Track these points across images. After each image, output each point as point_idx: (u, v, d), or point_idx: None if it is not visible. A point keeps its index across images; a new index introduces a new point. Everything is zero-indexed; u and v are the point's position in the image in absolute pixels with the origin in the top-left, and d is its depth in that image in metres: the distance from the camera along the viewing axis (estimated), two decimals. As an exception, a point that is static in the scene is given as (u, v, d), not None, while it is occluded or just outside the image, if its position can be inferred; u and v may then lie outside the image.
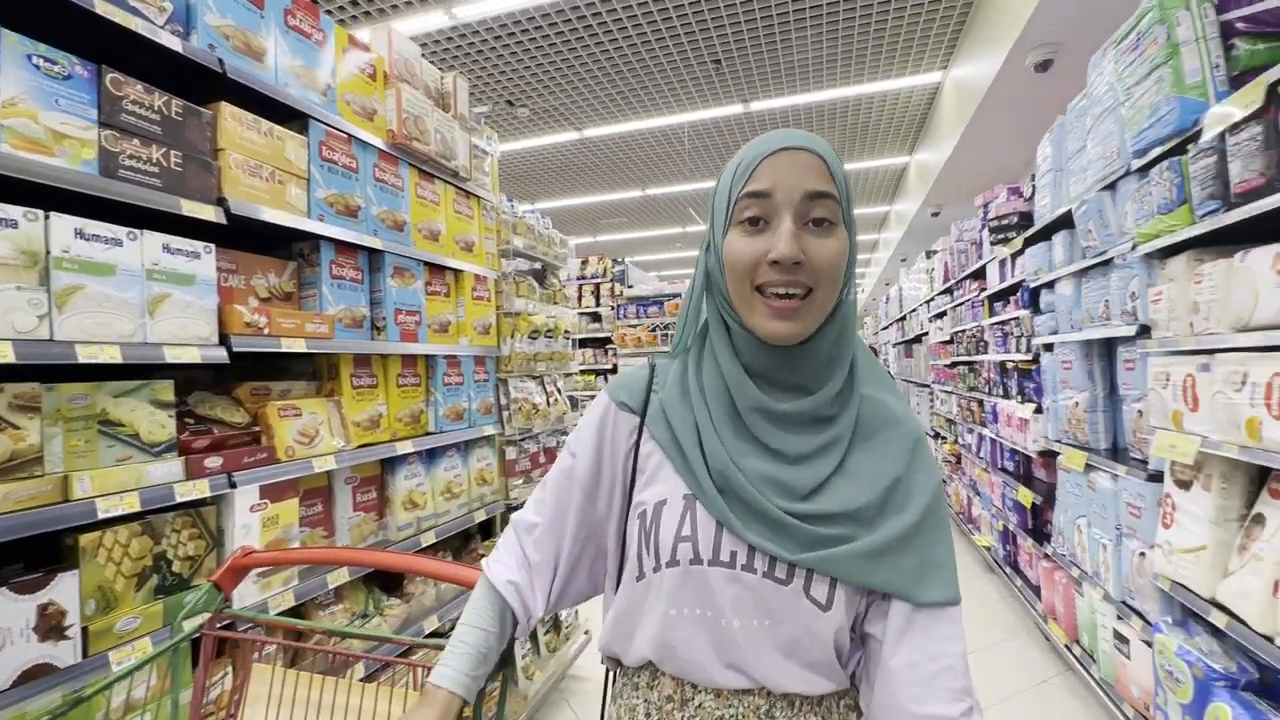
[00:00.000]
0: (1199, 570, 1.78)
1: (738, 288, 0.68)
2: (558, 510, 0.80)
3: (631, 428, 0.77)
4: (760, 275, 0.66)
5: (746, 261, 0.66)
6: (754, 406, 0.70)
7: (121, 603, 1.26)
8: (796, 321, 0.66)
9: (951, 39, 5.10)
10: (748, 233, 0.67)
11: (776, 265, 0.65)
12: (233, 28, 1.51)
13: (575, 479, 0.79)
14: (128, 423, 1.29)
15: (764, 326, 0.67)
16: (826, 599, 0.66)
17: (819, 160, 0.67)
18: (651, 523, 0.71)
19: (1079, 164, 2.64)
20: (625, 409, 0.78)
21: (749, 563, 0.67)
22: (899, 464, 0.70)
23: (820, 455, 0.69)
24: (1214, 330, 1.73)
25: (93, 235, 1.20)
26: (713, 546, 0.68)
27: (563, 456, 0.82)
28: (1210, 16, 1.79)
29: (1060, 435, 2.88)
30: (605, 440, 0.78)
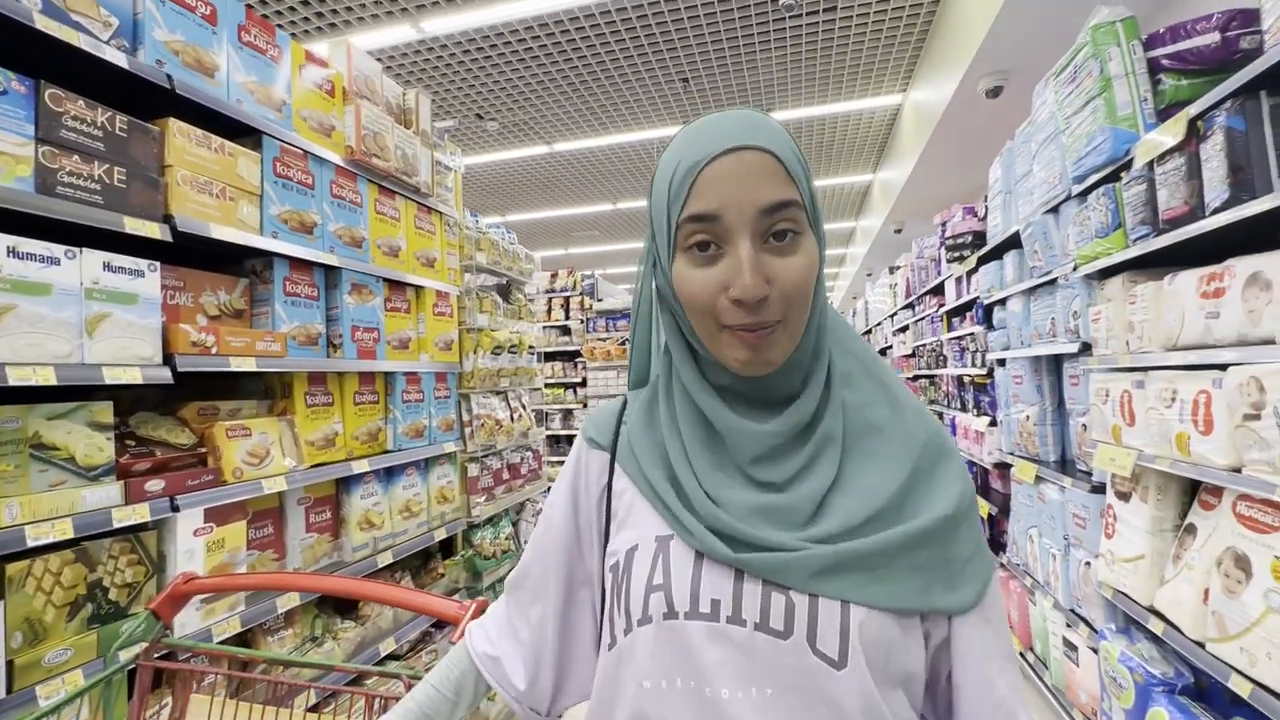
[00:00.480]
0: (1138, 579, 1.85)
1: (700, 322, 0.57)
2: (542, 572, 0.69)
3: (602, 466, 0.68)
4: (724, 314, 0.55)
5: (703, 298, 0.55)
6: (733, 428, 0.59)
7: (51, 634, 1.21)
8: (769, 350, 0.56)
9: (910, 64, 5.28)
10: (697, 261, 0.56)
11: (739, 303, 0.54)
12: (182, 43, 1.49)
13: (553, 533, 0.69)
14: (62, 446, 1.24)
15: (733, 359, 0.57)
16: (839, 653, 0.52)
17: (772, 160, 0.54)
18: (623, 573, 0.60)
19: (1026, 187, 2.76)
20: (595, 446, 0.69)
21: (735, 613, 0.54)
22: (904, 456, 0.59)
23: (812, 468, 0.58)
24: (1147, 349, 1.82)
25: (27, 254, 1.17)
26: (690, 594, 0.55)
27: (545, 512, 0.73)
28: (1138, 53, 1.89)
29: (1013, 448, 2.97)
30: (579, 485, 0.69)
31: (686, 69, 5.29)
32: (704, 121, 0.58)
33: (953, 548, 0.57)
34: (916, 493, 0.57)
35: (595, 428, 0.70)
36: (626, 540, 0.62)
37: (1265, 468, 1.36)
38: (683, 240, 0.56)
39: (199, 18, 1.53)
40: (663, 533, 0.59)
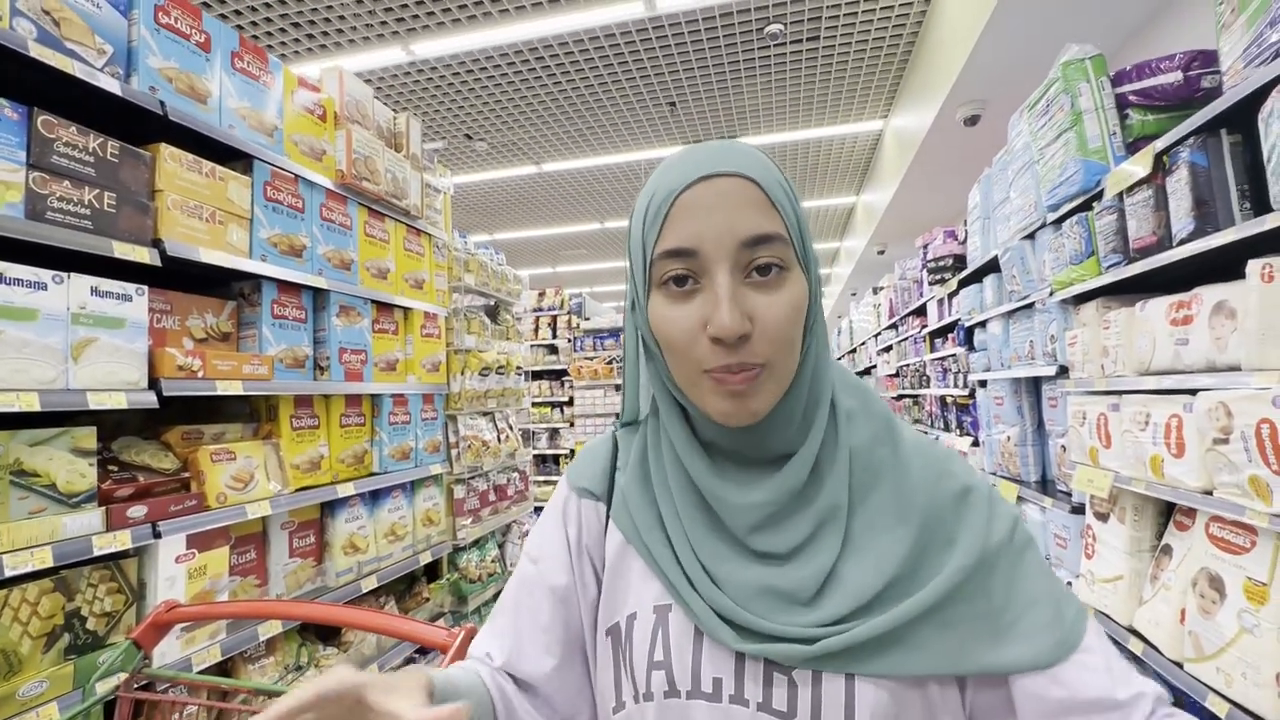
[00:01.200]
0: (1118, 599, 1.88)
1: (677, 365, 0.53)
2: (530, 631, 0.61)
3: (598, 517, 0.63)
4: (703, 356, 0.50)
5: (681, 338, 0.51)
6: (720, 498, 0.55)
7: (27, 666, 1.18)
8: (752, 399, 0.51)
9: (890, 92, 5.43)
10: (674, 297, 0.52)
11: (719, 342, 0.49)
12: (175, 70, 1.51)
13: (546, 588, 0.62)
14: (44, 472, 1.23)
15: (715, 407, 0.52)
16: None
17: (752, 187, 0.50)
18: (624, 642, 0.57)
19: (1004, 213, 2.84)
20: (589, 496, 0.63)
21: (738, 693, 0.51)
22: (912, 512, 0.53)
23: (817, 539, 0.53)
24: (1121, 373, 1.87)
25: (14, 280, 1.17)
26: (690, 674, 0.53)
27: (521, 568, 0.65)
28: (1107, 89, 1.97)
29: (995, 468, 3.02)
30: (574, 535, 0.63)
31: (674, 93, 5.39)
32: (681, 151, 0.54)
33: (995, 596, 0.51)
34: (934, 546, 0.52)
35: (587, 476, 0.65)
36: (625, 605, 0.59)
37: (1235, 490, 1.40)
38: (658, 276, 0.52)
39: (193, 45, 1.55)
40: (661, 602, 0.56)
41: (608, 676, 0.58)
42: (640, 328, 0.58)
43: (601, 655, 0.59)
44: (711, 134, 6.26)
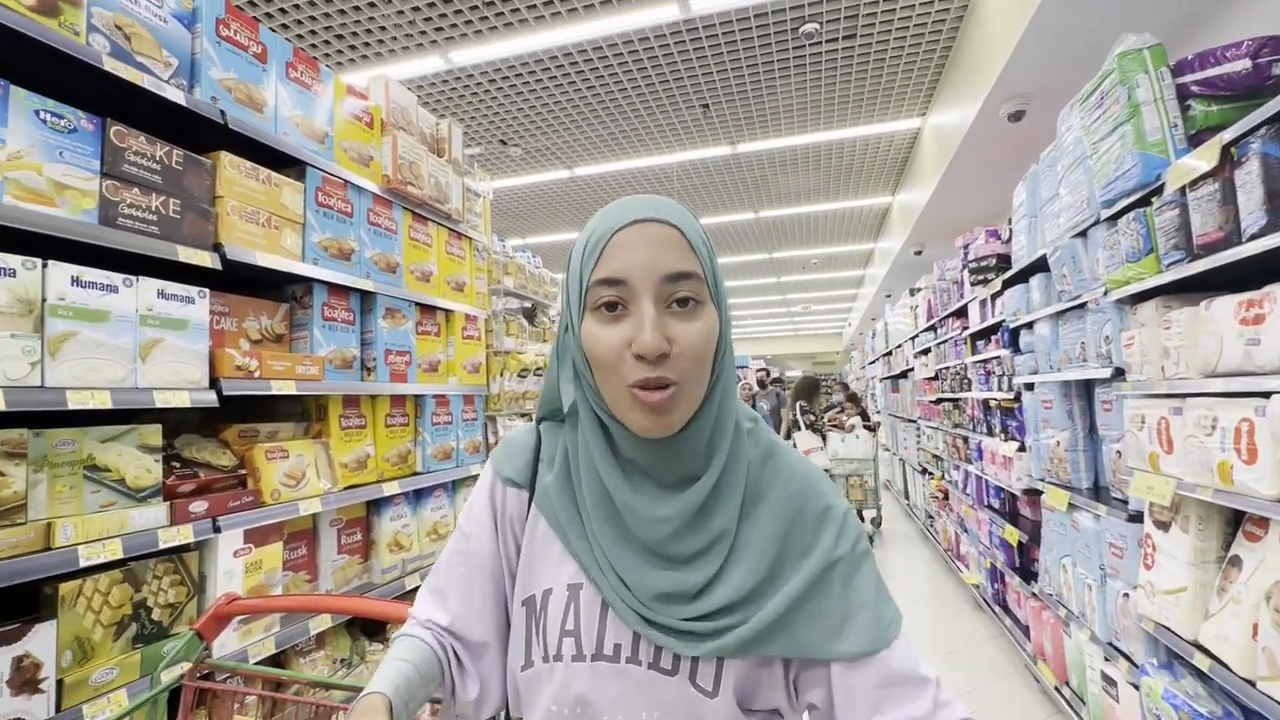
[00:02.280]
0: (1180, 612, 1.80)
1: (605, 380, 0.62)
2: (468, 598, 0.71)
3: (520, 504, 0.72)
4: (628, 371, 0.59)
5: (609, 355, 0.60)
6: (632, 509, 0.64)
7: (99, 653, 1.24)
8: (667, 414, 0.60)
9: (930, 88, 5.32)
10: (605, 320, 0.61)
11: (641, 359, 0.58)
12: (235, 80, 1.56)
13: (480, 561, 0.72)
14: (114, 467, 1.28)
15: (636, 423, 0.61)
16: (713, 684, 0.62)
17: (675, 232, 0.61)
18: (539, 612, 0.67)
19: (1052, 210, 2.75)
20: (512, 485, 0.73)
21: (634, 654, 0.63)
22: (782, 525, 0.65)
23: (709, 550, 0.64)
24: (1184, 375, 1.79)
25: (89, 282, 1.22)
26: (596, 639, 0.64)
27: (456, 539, 0.74)
28: (1167, 80, 1.89)
29: (1043, 474, 2.92)
30: (498, 515, 0.73)
31: (707, 95, 5.38)
32: (619, 201, 0.64)
33: (833, 598, 0.63)
34: (795, 553, 0.65)
35: (510, 465, 0.73)
36: (541, 581, 0.68)
37: (1315, 499, 1.33)
38: (592, 302, 0.61)
39: (251, 56, 1.61)
40: (574, 581, 0.67)
41: (519, 640, 0.68)
42: (573, 349, 0.67)
43: (515, 621, 0.69)
44: (745, 136, 6.22)
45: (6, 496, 1.13)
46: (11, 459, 1.14)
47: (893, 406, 8.42)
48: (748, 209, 8.65)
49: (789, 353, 24.61)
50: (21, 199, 1.13)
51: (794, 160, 6.90)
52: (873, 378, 10.95)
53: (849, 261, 12.24)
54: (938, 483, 5.62)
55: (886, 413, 8.92)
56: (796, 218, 9.13)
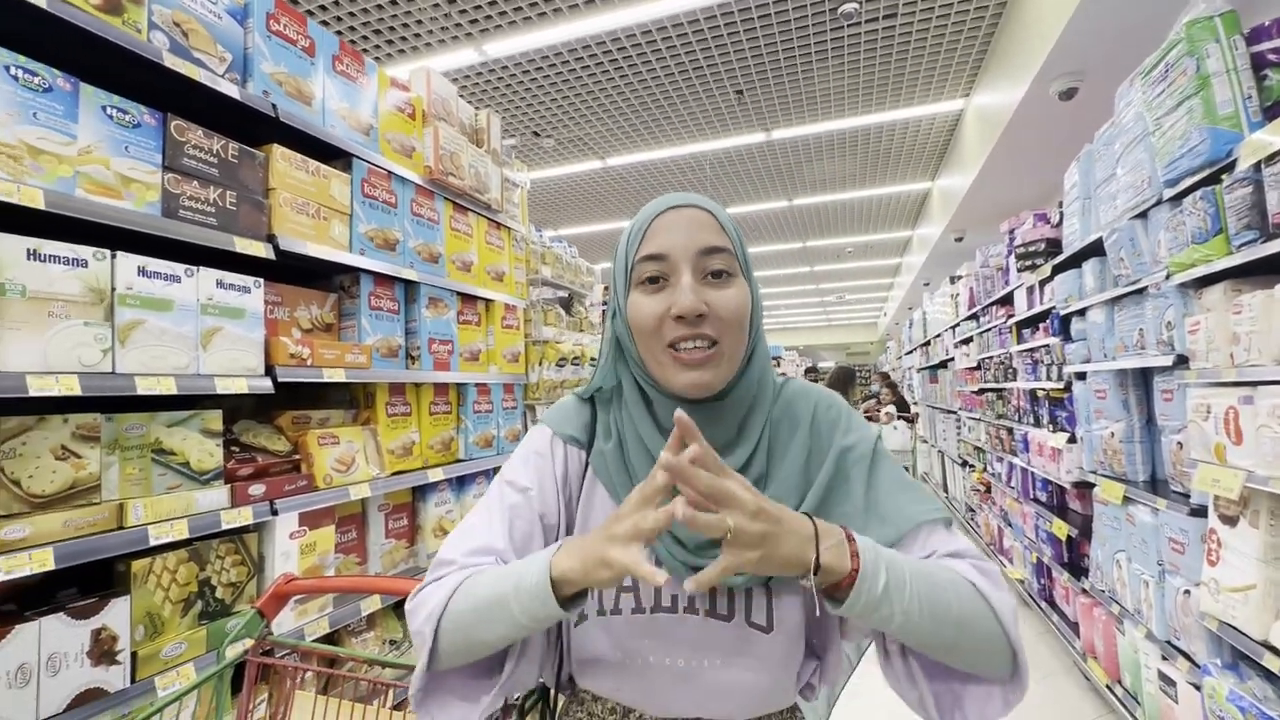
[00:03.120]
0: (1249, 610, 1.72)
1: (647, 345, 0.69)
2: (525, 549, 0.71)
3: (580, 462, 0.76)
4: (667, 331, 0.67)
5: (652, 319, 0.67)
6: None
7: (168, 628, 1.29)
8: (708, 370, 0.67)
9: (974, 68, 5.13)
10: (649, 291, 0.68)
11: (681, 320, 0.66)
12: (285, 74, 1.59)
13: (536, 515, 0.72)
14: (179, 451, 1.33)
15: (678, 380, 0.67)
16: (767, 620, 0.67)
17: (708, 215, 0.70)
18: None
19: (1108, 191, 2.63)
20: (574, 443, 0.76)
21: (690, 604, 0.68)
22: (804, 449, 0.71)
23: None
24: (1256, 362, 1.70)
25: (154, 273, 1.27)
26: (654, 594, 0.69)
27: (505, 493, 0.73)
28: (1240, 48, 1.78)
29: (1095, 466, 2.82)
30: (559, 473, 0.75)
31: (741, 81, 5.29)
32: (654, 199, 0.73)
33: (855, 497, 0.69)
34: (813, 470, 0.71)
35: (570, 425, 0.77)
36: None
37: (1406, 492, 1.25)
38: (637, 277, 0.69)
39: (300, 50, 1.64)
40: None
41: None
42: (619, 329, 0.73)
43: None
44: (780, 122, 6.12)
45: (83, 478, 1.18)
46: (87, 442, 1.19)
47: (931, 398, 8.23)
48: (781, 197, 8.52)
49: (822, 343, 24.25)
50: (92, 192, 1.18)
51: (830, 146, 6.76)
52: (909, 368, 10.71)
53: (885, 249, 11.96)
54: (979, 475, 5.48)
55: (924, 404, 8.73)
56: (831, 205, 8.96)
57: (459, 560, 0.68)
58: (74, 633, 1.13)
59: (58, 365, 1.11)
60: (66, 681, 1.11)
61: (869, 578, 0.57)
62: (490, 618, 0.62)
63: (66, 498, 1.15)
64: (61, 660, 1.11)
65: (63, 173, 1.14)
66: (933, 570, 0.62)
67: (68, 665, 1.11)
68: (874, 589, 0.57)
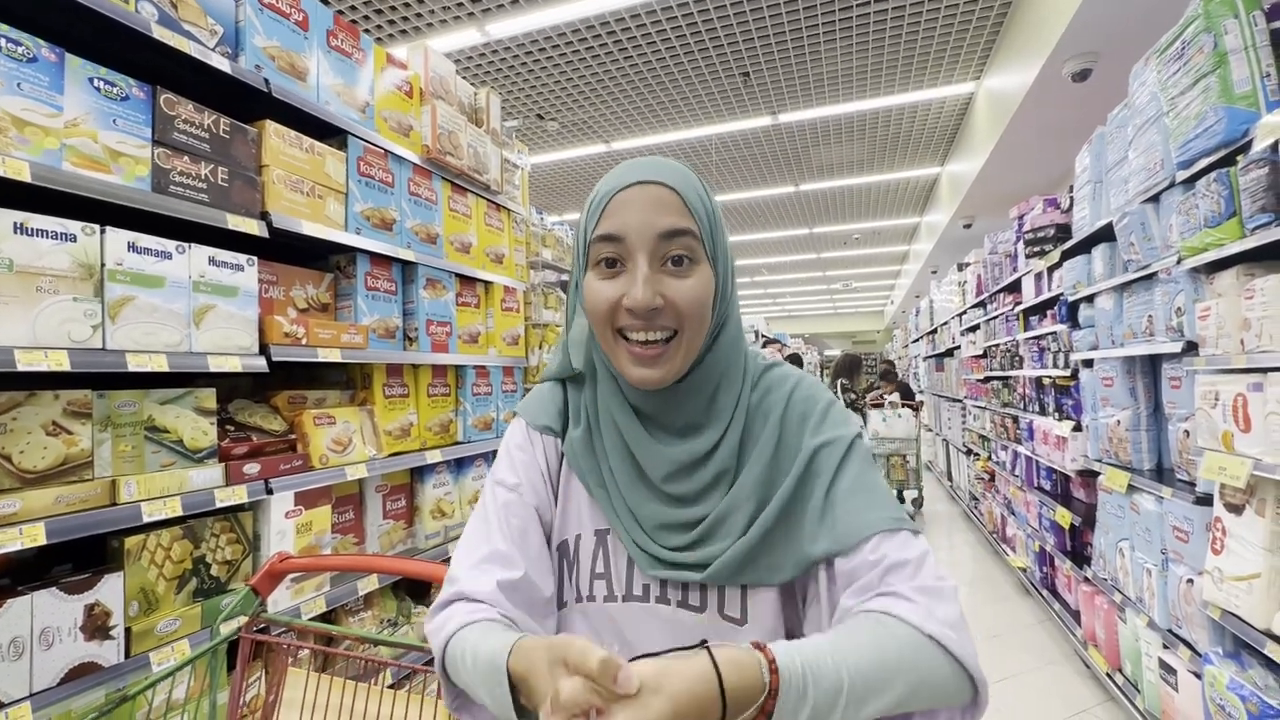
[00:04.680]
0: (1253, 599, 1.70)
1: (601, 332, 0.66)
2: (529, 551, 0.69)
3: (557, 450, 0.75)
4: (619, 319, 0.64)
5: (604, 307, 0.64)
6: (643, 448, 0.68)
7: (163, 605, 1.30)
8: (659, 367, 0.64)
9: (985, 49, 5.03)
10: (604, 275, 0.65)
11: (632, 312, 0.63)
12: (278, 49, 1.57)
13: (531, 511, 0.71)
14: (172, 429, 1.33)
15: (629, 372, 0.65)
16: (741, 612, 0.65)
17: (672, 194, 0.64)
18: (573, 558, 0.71)
19: (1120, 175, 2.57)
20: (549, 432, 0.75)
21: (662, 594, 0.67)
22: (771, 442, 0.67)
23: (709, 492, 0.68)
24: (1267, 348, 1.66)
25: (144, 249, 1.25)
26: (625, 581, 0.68)
27: (496, 494, 0.72)
28: (1260, 25, 1.73)
29: (1101, 454, 2.79)
30: (543, 464, 0.74)
31: (747, 63, 5.21)
32: (623, 164, 0.67)
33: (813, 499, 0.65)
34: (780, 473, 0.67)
35: (544, 414, 0.76)
36: (571, 527, 0.72)
37: None
38: (593, 257, 0.65)
39: (293, 24, 1.61)
40: (601, 527, 0.70)
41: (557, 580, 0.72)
42: (582, 304, 0.69)
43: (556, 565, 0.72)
44: (787, 105, 6.03)
45: (75, 454, 1.18)
46: (78, 418, 1.19)
47: (936, 386, 8.18)
48: (788, 182, 8.43)
49: (828, 331, 24.14)
50: (80, 166, 1.16)
51: (837, 130, 6.66)
52: (915, 356, 10.65)
53: (893, 236, 11.85)
54: (984, 464, 5.46)
55: (930, 392, 8.68)
56: (838, 191, 8.86)
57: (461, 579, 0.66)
58: (67, 607, 1.13)
59: (47, 340, 1.10)
60: (60, 656, 1.12)
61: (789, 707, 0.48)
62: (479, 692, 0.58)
63: (58, 474, 1.15)
64: (54, 634, 1.11)
65: (49, 145, 1.12)
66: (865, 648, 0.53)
67: (60, 640, 1.12)
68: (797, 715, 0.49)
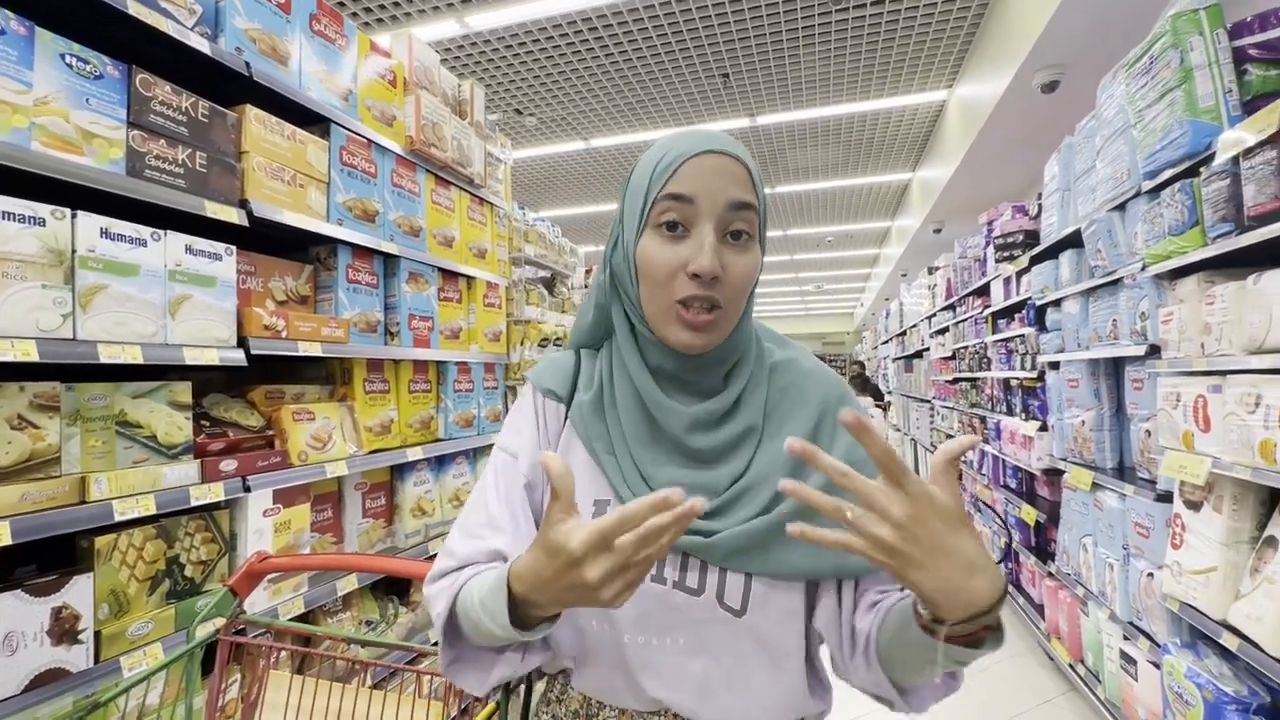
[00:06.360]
0: (1209, 592, 1.78)
1: (653, 295, 0.64)
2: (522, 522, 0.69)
3: (559, 417, 0.73)
4: (678, 288, 0.62)
5: (664, 271, 0.62)
6: (662, 406, 0.67)
7: (134, 607, 1.24)
8: (709, 334, 0.64)
9: (958, 58, 5.16)
10: (665, 238, 0.63)
11: (696, 279, 0.61)
12: (259, 31, 1.52)
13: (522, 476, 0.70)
14: (145, 424, 1.28)
15: (676, 337, 0.64)
16: (741, 603, 0.63)
17: (744, 169, 0.63)
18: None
19: (1087, 184, 2.67)
20: (554, 398, 0.73)
21: (658, 573, 0.64)
22: (806, 424, 0.67)
23: (734, 450, 0.67)
24: (1226, 352, 1.74)
25: (118, 235, 1.20)
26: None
27: (497, 457, 0.72)
28: (1223, 42, 1.81)
29: (1066, 453, 2.89)
30: (541, 431, 0.73)
31: (727, 64, 5.24)
32: (691, 129, 0.67)
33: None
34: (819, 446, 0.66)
35: (552, 379, 0.74)
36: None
37: (1366, 478, 1.29)
38: (655, 217, 0.63)
39: (275, 6, 1.56)
40: (600, 497, 0.68)
41: None
42: (618, 264, 0.69)
43: None
44: (765, 107, 6.09)
45: (41, 449, 1.12)
46: (45, 411, 1.13)
47: (905, 386, 8.36)
48: (765, 184, 8.50)
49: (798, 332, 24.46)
50: (50, 146, 1.11)
51: (814, 133, 6.75)
52: (885, 358, 10.87)
53: (865, 240, 12.07)
54: (951, 463, 5.58)
55: (899, 393, 8.87)
56: (813, 193, 8.98)
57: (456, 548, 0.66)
58: (32, 610, 1.08)
59: (13, 329, 1.04)
60: (25, 661, 1.06)
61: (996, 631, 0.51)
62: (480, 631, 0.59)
63: (24, 470, 1.09)
64: (19, 639, 1.06)
65: (17, 123, 1.06)
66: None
67: (26, 644, 1.06)
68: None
